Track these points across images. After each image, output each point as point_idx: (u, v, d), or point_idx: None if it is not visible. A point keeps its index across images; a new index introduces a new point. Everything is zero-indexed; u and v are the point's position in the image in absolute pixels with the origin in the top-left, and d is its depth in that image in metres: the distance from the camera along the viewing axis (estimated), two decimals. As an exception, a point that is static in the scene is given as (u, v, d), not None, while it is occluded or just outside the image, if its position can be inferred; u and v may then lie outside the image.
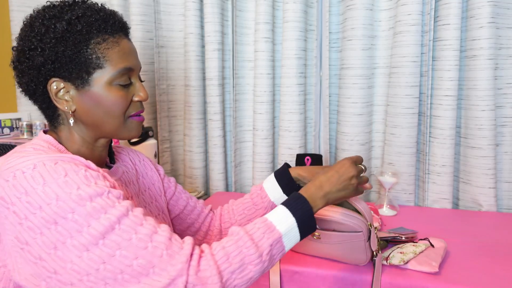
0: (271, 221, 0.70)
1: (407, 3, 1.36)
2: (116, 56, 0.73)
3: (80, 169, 0.64)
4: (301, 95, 1.56)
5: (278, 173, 0.97)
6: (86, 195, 0.61)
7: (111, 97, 0.73)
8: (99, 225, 0.60)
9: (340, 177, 0.78)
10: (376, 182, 1.56)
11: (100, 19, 0.73)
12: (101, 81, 0.72)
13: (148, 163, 0.95)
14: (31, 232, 0.60)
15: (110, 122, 0.75)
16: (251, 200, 0.99)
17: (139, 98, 0.77)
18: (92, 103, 0.73)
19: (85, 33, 0.71)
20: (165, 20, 1.69)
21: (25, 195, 0.60)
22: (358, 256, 0.95)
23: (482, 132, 1.34)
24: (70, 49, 0.70)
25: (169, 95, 1.74)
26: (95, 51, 0.72)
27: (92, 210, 0.61)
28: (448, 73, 1.35)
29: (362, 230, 0.91)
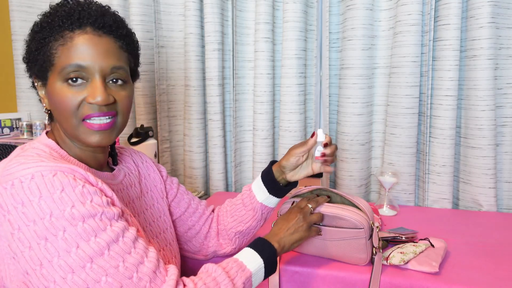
0: (241, 261, 0.75)
1: (407, 3, 1.36)
2: (67, 52, 0.69)
3: (77, 184, 0.62)
4: (301, 95, 1.56)
5: (264, 173, 0.97)
6: (79, 215, 0.60)
7: (59, 96, 0.70)
8: (88, 248, 0.59)
9: (288, 223, 0.88)
10: (376, 182, 1.56)
11: (64, 15, 0.70)
12: (54, 79, 0.70)
13: (150, 164, 0.94)
14: (20, 244, 0.59)
15: (65, 123, 0.71)
16: (242, 201, 0.99)
17: (91, 100, 0.69)
18: (51, 102, 0.72)
19: (48, 30, 0.70)
20: (165, 20, 1.69)
21: (22, 205, 0.59)
22: (358, 255, 0.95)
23: (482, 132, 1.34)
24: (35, 47, 0.71)
25: (169, 95, 1.74)
26: (51, 48, 0.70)
27: (83, 231, 0.59)
28: (448, 73, 1.35)
29: (364, 227, 0.92)
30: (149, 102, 1.72)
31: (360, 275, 0.93)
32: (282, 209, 1.00)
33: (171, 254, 0.86)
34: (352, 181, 1.53)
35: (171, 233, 0.91)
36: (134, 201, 0.83)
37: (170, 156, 1.78)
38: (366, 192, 1.57)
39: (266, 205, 0.96)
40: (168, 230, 0.90)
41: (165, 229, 0.89)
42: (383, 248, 1.03)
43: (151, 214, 0.87)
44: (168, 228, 0.90)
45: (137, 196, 0.85)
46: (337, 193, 0.97)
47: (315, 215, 0.92)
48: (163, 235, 0.87)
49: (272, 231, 0.87)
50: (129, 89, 0.76)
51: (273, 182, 0.94)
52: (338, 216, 0.92)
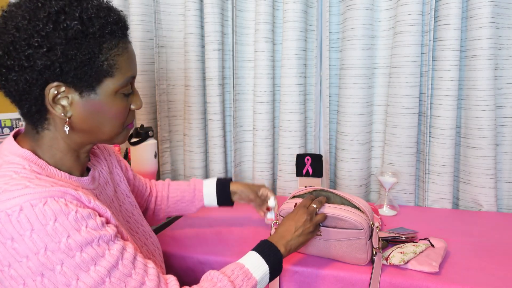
0: (247, 269, 0.75)
1: (407, 3, 1.36)
2: (125, 63, 0.68)
3: (70, 211, 0.58)
4: (301, 95, 1.56)
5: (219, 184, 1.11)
6: (76, 244, 0.57)
7: (115, 107, 0.69)
8: (89, 279, 0.57)
9: (296, 224, 0.88)
10: (376, 182, 1.56)
11: (113, 21, 0.66)
12: (108, 90, 0.67)
13: (113, 157, 0.92)
14: (13, 281, 0.56)
15: (108, 131, 0.71)
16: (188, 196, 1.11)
17: (135, 107, 0.74)
18: (93, 111, 0.67)
19: (98, 36, 0.64)
20: (165, 20, 1.69)
21: (11, 241, 0.55)
22: (358, 256, 0.95)
23: (482, 132, 1.34)
24: (83, 53, 0.63)
25: (169, 95, 1.74)
26: (107, 58, 0.65)
27: (81, 262, 0.57)
28: (448, 73, 1.35)
29: (364, 228, 0.91)
30: (149, 102, 1.72)
31: (360, 275, 0.93)
32: (282, 209, 1.00)
33: (152, 246, 0.86)
34: (352, 181, 1.53)
35: (146, 224, 0.91)
36: (113, 200, 0.82)
37: (170, 156, 1.78)
38: (366, 192, 1.57)
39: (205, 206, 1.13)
40: (144, 222, 0.90)
41: (141, 221, 0.89)
42: (383, 248, 1.03)
43: (126, 210, 0.87)
44: (142, 220, 0.90)
45: (113, 194, 0.84)
46: (336, 193, 0.97)
47: (320, 215, 0.93)
48: (141, 228, 0.87)
49: (279, 233, 0.86)
50: None
51: (226, 198, 1.10)
52: (338, 217, 0.92)
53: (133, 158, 1.45)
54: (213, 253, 1.05)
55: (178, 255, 1.06)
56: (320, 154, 1.33)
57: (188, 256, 1.05)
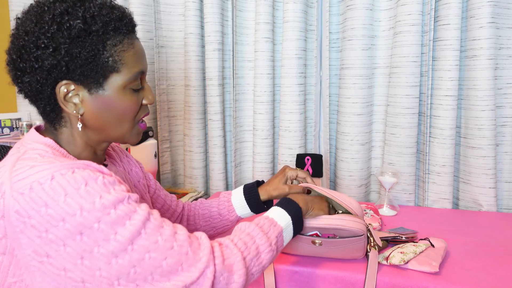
0: (272, 218, 0.79)
1: (407, 3, 1.36)
2: (132, 59, 0.70)
3: (97, 176, 0.62)
4: (301, 95, 1.56)
5: (247, 190, 1.03)
6: (109, 203, 0.60)
7: (124, 103, 0.70)
8: (126, 232, 0.60)
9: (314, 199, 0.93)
10: (376, 182, 1.56)
11: (116, 18, 0.68)
12: (116, 86, 0.69)
13: (131, 159, 0.94)
14: (53, 244, 0.58)
15: (120, 127, 0.73)
16: (218, 210, 1.04)
17: (147, 102, 0.75)
18: (103, 107, 0.69)
19: (101, 33, 0.66)
20: (165, 20, 1.69)
21: (45, 207, 0.57)
22: (356, 254, 0.97)
23: (482, 132, 1.34)
24: (86, 51, 0.65)
25: (169, 95, 1.74)
26: (111, 54, 0.67)
27: (117, 217, 0.60)
28: (448, 73, 1.35)
29: (364, 233, 0.92)
30: (149, 102, 1.72)
31: (360, 275, 0.93)
32: None
33: None
34: (352, 181, 1.53)
35: None
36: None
37: (170, 156, 1.78)
38: (366, 192, 1.57)
39: (242, 218, 1.05)
40: None
41: None
42: (383, 248, 1.03)
43: None
44: None
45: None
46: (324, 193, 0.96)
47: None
48: None
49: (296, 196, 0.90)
50: None
51: (257, 203, 1.02)
52: (340, 228, 0.92)
53: (133, 158, 1.45)
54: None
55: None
56: (320, 154, 1.33)
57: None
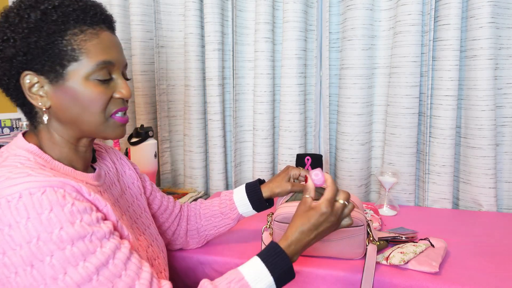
0: (247, 281, 0.67)
1: (407, 3, 1.36)
2: (95, 48, 0.68)
3: (66, 203, 0.59)
4: (301, 95, 1.56)
5: (249, 189, 1.01)
6: (68, 237, 0.57)
7: (88, 93, 0.68)
8: (76, 275, 0.57)
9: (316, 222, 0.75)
10: (376, 182, 1.56)
11: (79, 9, 0.68)
12: (77, 75, 0.67)
13: (125, 161, 0.93)
14: (5, 269, 0.56)
15: (88, 120, 0.70)
16: (219, 209, 1.03)
17: (120, 95, 0.72)
18: (68, 99, 0.68)
19: (60, 23, 0.66)
20: (165, 20, 1.69)
21: (9, 227, 0.56)
22: (356, 251, 0.96)
23: (482, 132, 1.34)
24: (43, 39, 0.65)
25: (169, 95, 1.74)
26: (70, 43, 0.67)
27: (71, 255, 0.57)
28: (448, 73, 1.35)
29: (364, 224, 0.92)
30: (149, 102, 1.72)
31: (360, 275, 0.93)
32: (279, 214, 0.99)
33: (158, 249, 0.86)
34: (352, 181, 1.53)
35: (154, 228, 0.91)
36: (118, 200, 0.82)
37: (170, 156, 1.78)
38: (366, 192, 1.57)
39: (244, 216, 1.03)
40: (151, 226, 0.90)
41: (149, 224, 0.89)
42: (383, 248, 1.03)
43: (134, 211, 0.87)
44: (151, 223, 0.91)
45: (119, 194, 0.84)
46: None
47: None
48: (148, 230, 0.88)
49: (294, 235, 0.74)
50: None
51: (259, 201, 1.00)
52: None
53: (133, 158, 1.45)
54: (213, 253, 1.05)
55: (178, 255, 1.06)
56: (320, 154, 1.33)
57: (188, 256, 1.05)
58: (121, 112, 0.74)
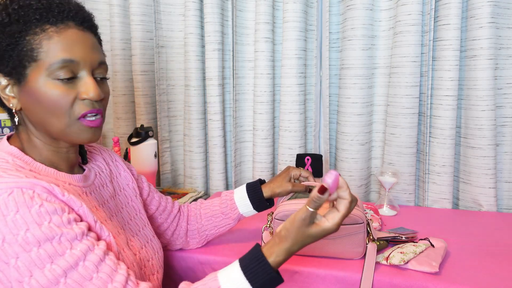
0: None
1: (407, 3, 1.36)
2: (54, 47, 0.65)
3: (34, 204, 0.58)
4: (301, 95, 1.56)
5: (250, 188, 1.01)
6: (34, 239, 0.56)
7: (48, 94, 0.65)
8: (42, 277, 0.55)
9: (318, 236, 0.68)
10: (376, 182, 1.56)
11: (42, 8, 0.66)
12: (38, 76, 0.65)
13: (120, 163, 0.93)
14: None
15: (54, 123, 0.68)
16: (220, 209, 1.03)
17: (85, 96, 0.67)
18: (32, 100, 0.67)
19: (22, 23, 0.65)
20: (165, 20, 1.69)
21: None
22: (356, 250, 0.96)
23: (482, 132, 1.34)
24: (5, 41, 0.65)
25: (169, 95, 1.74)
26: (30, 43, 0.65)
27: (37, 258, 0.55)
28: (448, 73, 1.35)
29: (363, 222, 0.92)
30: (149, 102, 1.72)
31: (360, 275, 0.93)
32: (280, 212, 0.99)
33: (153, 250, 0.86)
34: (352, 181, 1.53)
35: (150, 229, 0.91)
36: (108, 201, 0.82)
37: (170, 156, 1.78)
38: (366, 192, 1.57)
39: (244, 216, 1.03)
40: (146, 227, 0.90)
41: (143, 226, 0.89)
42: (383, 248, 1.03)
43: (128, 212, 0.87)
44: (146, 224, 0.90)
45: (110, 196, 0.84)
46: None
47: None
48: (142, 232, 0.87)
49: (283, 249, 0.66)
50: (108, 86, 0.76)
51: (260, 200, 1.00)
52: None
53: (133, 158, 1.45)
54: (213, 253, 1.05)
55: (178, 255, 1.06)
56: (320, 154, 1.33)
57: (188, 256, 1.05)
58: (91, 115, 0.69)
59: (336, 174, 0.65)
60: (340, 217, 0.66)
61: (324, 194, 0.63)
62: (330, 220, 0.67)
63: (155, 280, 0.83)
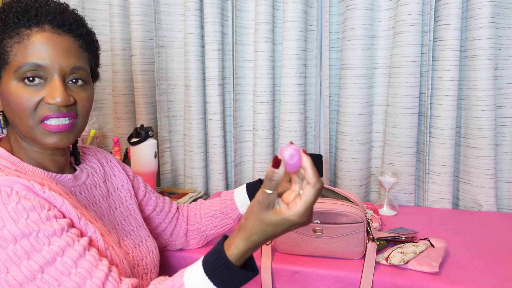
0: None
1: (407, 3, 1.36)
2: (23, 50, 0.66)
3: (11, 202, 0.58)
4: (301, 95, 1.56)
5: (250, 188, 1.00)
6: (10, 236, 0.56)
7: (15, 96, 0.66)
8: (19, 274, 0.55)
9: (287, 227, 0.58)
10: (376, 182, 1.56)
11: (20, 11, 0.67)
12: (8, 78, 0.67)
13: (115, 164, 0.93)
14: None
15: (21, 125, 0.68)
16: (220, 209, 1.02)
17: (50, 100, 0.67)
18: (4, 102, 0.69)
19: (1, 26, 0.67)
20: (165, 20, 1.69)
21: None
22: (355, 249, 0.96)
23: (482, 132, 1.34)
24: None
25: (169, 95, 1.74)
26: (5, 46, 0.66)
27: (13, 254, 0.56)
28: (448, 73, 1.35)
29: (363, 221, 0.92)
30: (149, 102, 1.72)
31: (360, 275, 0.93)
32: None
33: (147, 249, 0.87)
34: (352, 181, 1.53)
35: (144, 229, 0.91)
36: (100, 201, 0.82)
37: (170, 156, 1.78)
38: (366, 192, 1.57)
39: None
40: (141, 227, 0.90)
41: (138, 226, 0.89)
42: (383, 248, 1.03)
43: (121, 212, 0.87)
44: (140, 225, 0.90)
45: (102, 196, 0.84)
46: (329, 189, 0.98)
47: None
48: (136, 231, 0.88)
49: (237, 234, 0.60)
50: (90, 90, 0.74)
51: None
52: (339, 213, 0.92)
53: (133, 158, 1.45)
54: (213, 253, 1.05)
55: (178, 255, 1.06)
56: (320, 154, 1.33)
57: (188, 256, 1.05)
58: (55, 119, 0.68)
59: (295, 147, 0.55)
60: (303, 205, 0.55)
61: (279, 169, 0.54)
62: (292, 208, 0.55)
63: (149, 280, 0.83)
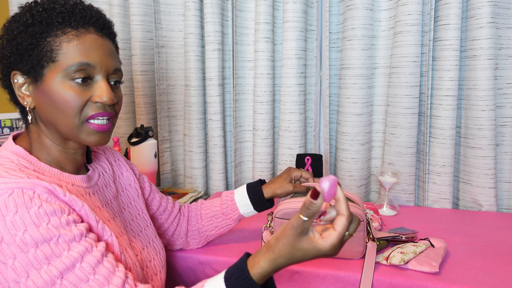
0: None
1: (407, 3, 1.36)
2: (73, 49, 0.68)
3: (33, 205, 0.58)
4: (301, 95, 1.56)
5: (250, 189, 1.01)
6: (32, 240, 0.56)
7: (62, 94, 0.67)
8: (39, 278, 0.56)
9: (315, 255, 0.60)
10: (376, 182, 1.56)
11: (65, 11, 0.69)
12: (54, 76, 0.68)
13: (123, 162, 0.93)
14: None
15: (64, 123, 0.69)
16: (221, 210, 1.03)
17: (98, 99, 0.69)
18: (46, 100, 0.69)
19: (45, 25, 0.68)
20: (165, 20, 1.69)
21: None
22: (355, 249, 0.96)
23: (482, 132, 1.34)
24: (28, 41, 0.67)
25: (169, 95, 1.74)
26: (50, 44, 0.67)
27: (34, 259, 0.56)
28: (448, 73, 1.35)
29: (363, 220, 0.92)
30: (149, 102, 1.72)
31: (360, 275, 0.93)
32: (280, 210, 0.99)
33: (154, 250, 0.86)
34: (352, 181, 1.53)
35: (152, 229, 0.91)
36: (111, 201, 0.82)
37: (170, 156, 1.78)
38: (366, 192, 1.57)
39: (245, 216, 1.03)
40: (149, 227, 0.90)
41: (146, 226, 0.89)
42: (383, 248, 1.03)
43: (129, 213, 0.87)
44: (148, 225, 0.90)
45: (113, 196, 0.84)
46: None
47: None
48: (144, 232, 0.88)
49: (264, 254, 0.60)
50: (121, 91, 0.78)
51: (260, 201, 1.00)
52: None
53: (133, 158, 1.45)
54: (213, 253, 1.05)
55: (178, 255, 1.06)
56: (320, 154, 1.33)
57: (188, 256, 1.05)
58: (100, 118, 0.71)
59: (334, 179, 0.56)
60: (337, 237, 0.57)
61: (317, 200, 0.56)
62: (326, 239, 0.58)
63: (158, 280, 0.83)
